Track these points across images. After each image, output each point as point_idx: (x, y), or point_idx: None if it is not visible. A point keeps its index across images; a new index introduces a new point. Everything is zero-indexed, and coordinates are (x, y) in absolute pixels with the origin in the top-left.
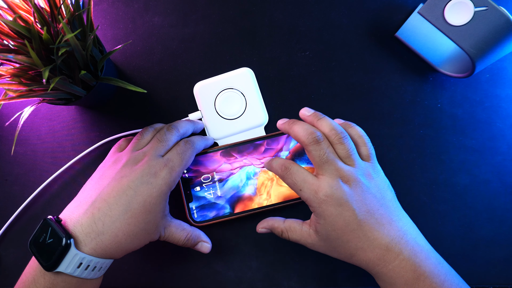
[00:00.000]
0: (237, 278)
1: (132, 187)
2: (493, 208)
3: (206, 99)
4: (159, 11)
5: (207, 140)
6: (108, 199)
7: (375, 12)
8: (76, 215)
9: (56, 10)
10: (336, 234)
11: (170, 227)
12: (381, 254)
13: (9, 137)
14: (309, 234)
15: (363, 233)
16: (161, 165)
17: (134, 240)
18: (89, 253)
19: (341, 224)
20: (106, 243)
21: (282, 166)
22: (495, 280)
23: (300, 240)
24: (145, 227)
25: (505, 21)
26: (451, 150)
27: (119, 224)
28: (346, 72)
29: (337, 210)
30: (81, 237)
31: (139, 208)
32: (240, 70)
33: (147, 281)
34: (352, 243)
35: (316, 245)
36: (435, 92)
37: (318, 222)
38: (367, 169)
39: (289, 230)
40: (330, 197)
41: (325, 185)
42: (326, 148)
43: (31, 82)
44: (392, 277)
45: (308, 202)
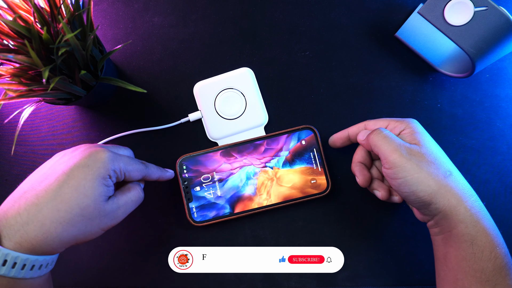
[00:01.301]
0: (237, 278)
1: (66, 172)
2: (493, 208)
3: (206, 99)
4: (159, 11)
5: (164, 173)
6: (38, 187)
7: (375, 12)
8: (4, 209)
9: (56, 10)
10: (435, 156)
11: (119, 199)
12: (468, 193)
13: (9, 137)
14: (406, 146)
15: (453, 167)
16: (103, 149)
17: (69, 228)
18: (13, 248)
19: (439, 154)
20: (31, 234)
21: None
22: None
23: (386, 151)
24: (81, 212)
25: (505, 21)
26: (451, 150)
27: (46, 211)
28: (346, 72)
29: (434, 144)
30: (4, 231)
31: (71, 192)
32: (240, 70)
33: (147, 281)
34: (446, 166)
35: (406, 158)
36: (435, 92)
37: (422, 145)
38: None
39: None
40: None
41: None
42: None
43: (31, 82)
44: (483, 224)
45: (413, 129)
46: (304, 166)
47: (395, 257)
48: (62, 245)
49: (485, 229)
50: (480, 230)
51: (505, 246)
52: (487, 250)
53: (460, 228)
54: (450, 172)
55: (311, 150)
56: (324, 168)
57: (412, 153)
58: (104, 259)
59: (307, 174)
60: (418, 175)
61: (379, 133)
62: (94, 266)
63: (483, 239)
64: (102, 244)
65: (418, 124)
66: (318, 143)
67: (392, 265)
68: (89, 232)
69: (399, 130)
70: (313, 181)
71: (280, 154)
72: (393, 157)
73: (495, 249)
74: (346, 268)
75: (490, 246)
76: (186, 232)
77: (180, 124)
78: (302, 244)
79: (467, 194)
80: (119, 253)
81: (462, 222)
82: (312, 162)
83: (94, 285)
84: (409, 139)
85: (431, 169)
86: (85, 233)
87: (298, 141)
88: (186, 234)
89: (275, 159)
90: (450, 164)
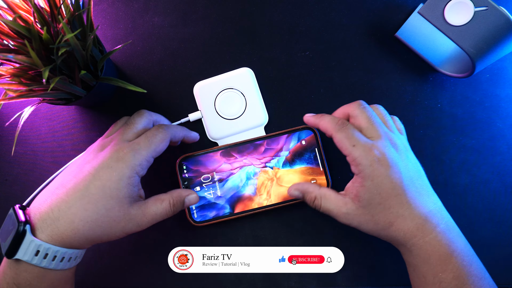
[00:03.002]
0: (237, 278)
1: (92, 173)
2: (493, 208)
3: (206, 99)
4: (159, 11)
5: (187, 131)
6: (67, 185)
7: (375, 12)
8: (38, 203)
9: (56, 10)
10: (381, 198)
11: (147, 208)
12: (420, 224)
13: (9, 137)
14: (345, 202)
15: (406, 199)
16: (126, 148)
17: (95, 227)
18: (45, 240)
19: (388, 186)
20: (61, 229)
21: (338, 120)
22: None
23: (333, 209)
24: (107, 213)
25: (505, 21)
26: (451, 150)
27: (75, 209)
28: (346, 72)
29: (387, 171)
30: (38, 224)
31: (98, 193)
32: (240, 70)
33: (147, 281)
34: (394, 209)
35: (351, 214)
36: (435, 92)
37: (363, 185)
38: (404, 141)
39: (324, 197)
40: (382, 157)
41: (379, 144)
42: (372, 111)
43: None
44: (428, 250)
45: (357, 160)
46: (304, 166)
47: (395, 257)
48: (88, 242)
49: (429, 257)
50: (421, 258)
51: (460, 268)
52: (430, 276)
53: (405, 256)
54: (391, 223)
55: (311, 150)
56: (325, 168)
57: (354, 204)
58: (104, 259)
59: (307, 174)
60: (363, 226)
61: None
62: (94, 266)
63: (424, 267)
64: (102, 244)
65: (364, 152)
66: (318, 143)
67: (392, 265)
68: (113, 234)
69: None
70: (313, 181)
71: (280, 154)
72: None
73: (438, 274)
74: (346, 268)
75: (433, 271)
76: (186, 232)
77: (180, 124)
78: (302, 244)
79: (413, 232)
80: (119, 253)
81: (404, 253)
82: (313, 162)
83: (94, 285)
84: (353, 180)
85: (370, 226)
86: (109, 234)
87: (298, 141)
88: (186, 234)
89: (275, 159)
90: (396, 202)
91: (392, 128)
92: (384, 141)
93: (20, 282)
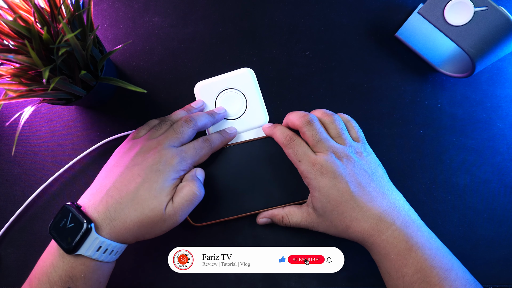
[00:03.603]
0: (237, 278)
1: (141, 175)
2: (493, 208)
3: (207, 99)
4: (159, 11)
5: (226, 138)
6: (120, 187)
7: (375, 12)
8: (93, 202)
9: (56, 10)
10: (331, 206)
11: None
12: (374, 224)
13: (9, 137)
14: (308, 213)
15: (356, 203)
16: (173, 154)
17: (141, 226)
18: (106, 237)
19: (335, 195)
20: (118, 228)
21: (287, 136)
22: (495, 280)
23: (300, 221)
24: (149, 213)
25: (505, 21)
26: (450, 150)
27: (127, 210)
28: (346, 72)
29: (331, 182)
30: (98, 222)
31: (145, 194)
32: (241, 70)
33: (147, 281)
34: (347, 213)
35: (315, 222)
36: (435, 92)
37: (313, 195)
38: (358, 148)
39: (289, 214)
40: (325, 170)
41: (321, 159)
42: (319, 128)
43: (31, 82)
44: (386, 247)
45: (304, 174)
46: None
47: None
48: (134, 238)
49: (388, 253)
50: (382, 255)
51: (421, 261)
52: (393, 271)
53: (370, 254)
54: (348, 226)
55: None
56: None
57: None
58: None
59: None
60: (328, 231)
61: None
62: None
63: (386, 263)
64: None
65: (308, 166)
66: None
67: None
68: (153, 233)
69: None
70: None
71: None
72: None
73: (400, 269)
74: (346, 268)
75: (394, 266)
76: (186, 232)
77: None
78: (302, 244)
79: (369, 232)
80: None
81: (369, 251)
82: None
83: None
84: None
85: (332, 230)
86: (151, 233)
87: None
88: (186, 234)
89: None
90: (347, 207)
91: (344, 139)
92: (327, 155)
93: (76, 274)
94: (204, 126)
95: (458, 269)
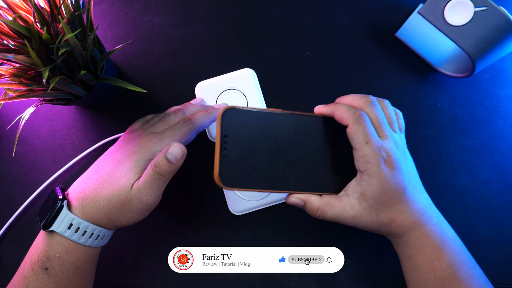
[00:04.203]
0: (237, 278)
1: (119, 158)
2: (493, 208)
3: (208, 99)
4: (159, 11)
5: (212, 114)
6: (99, 170)
7: (375, 12)
8: (75, 185)
9: (56, 10)
10: (385, 197)
11: (139, 182)
12: (417, 218)
13: (9, 137)
14: (351, 205)
15: (406, 197)
16: (151, 137)
17: (111, 207)
18: (77, 215)
19: (392, 186)
20: (89, 207)
21: (357, 112)
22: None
23: (340, 214)
24: (118, 192)
25: (505, 21)
26: (451, 150)
27: (100, 190)
28: (346, 72)
29: (391, 172)
30: (73, 201)
31: (117, 174)
32: (242, 70)
33: (147, 281)
34: (396, 206)
35: (358, 216)
36: (435, 92)
37: (371, 184)
38: (404, 142)
39: (328, 205)
40: (389, 158)
41: (387, 146)
42: (381, 110)
43: (31, 82)
44: (423, 241)
45: (367, 158)
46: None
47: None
48: (111, 222)
49: (424, 247)
50: (417, 248)
51: (452, 256)
52: (425, 264)
53: (400, 248)
54: (393, 220)
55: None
56: None
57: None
58: (104, 259)
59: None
60: (369, 225)
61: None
62: None
63: (420, 256)
64: None
65: (374, 151)
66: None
67: (392, 265)
68: (127, 216)
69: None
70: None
71: None
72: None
73: (433, 263)
74: (346, 268)
75: (428, 260)
76: (186, 232)
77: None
78: (302, 244)
79: (411, 226)
80: (119, 253)
81: (400, 245)
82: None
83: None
84: (357, 179)
85: (374, 224)
86: (124, 215)
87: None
88: (186, 234)
89: None
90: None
91: (395, 127)
92: (390, 142)
93: (51, 254)
94: (202, 126)
95: (479, 268)
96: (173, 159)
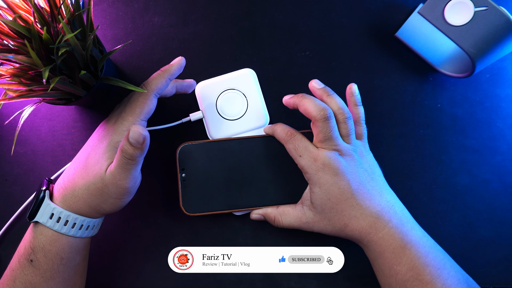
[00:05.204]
0: (237, 278)
1: (92, 145)
2: (493, 208)
3: (208, 99)
4: (159, 11)
5: (167, 74)
6: (77, 160)
7: (375, 12)
8: (60, 178)
9: (56, 10)
10: (331, 203)
11: (111, 167)
12: (372, 222)
13: (9, 137)
14: (303, 212)
15: (356, 202)
16: (116, 118)
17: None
18: (58, 205)
19: (336, 192)
20: (69, 196)
21: (288, 131)
22: (495, 280)
23: (294, 222)
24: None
25: (505, 21)
26: (451, 150)
27: (77, 179)
28: (346, 72)
29: (333, 179)
30: (55, 193)
31: (92, 161)
32: (242, 70)
33: (147, 281)
34: (346, 211)
35: (311, 222)
36: (435, 92)
37: (313, 192)
38: (360, 147)
39: (282, 214)
40: (327, 166)
41: (323, 155)
42: (333, 126)
43: (31, 82)
44: (382, 245)
45: (305, 169)
46: None
47: None
48: (93, 210)
49: (383, 251)
50: (377, 252)
51: (414, 259)
52: (386, 268)
53: (365, 252)
54: (346, 224)
55: None
56: None
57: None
58: (104, 259)
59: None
60: (324, 230)
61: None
62: (94, 266)
63: (380, 260)
64: (102, 244)
65: (309, 161)
66: None
67: None
68: (108, 202)
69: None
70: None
71: None
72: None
73: (393, 267)
74: (346, 268)
75: (388, 264)
76: (186, 232)
77: (181, 124)
78: (302, 244)
79: (367, 230)
80: (119, 253)
81: (364, 249)
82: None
83: (94, 285)
84: (307, 188)
85: (329, 229)
86: (105, 202)
87: None
88: (186, 234)
89: None
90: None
91: (351, 138)
92: (330, 152)
93: (36, 245)
94: (159, 87)
95: (451, 268)
96: (135, 143)
